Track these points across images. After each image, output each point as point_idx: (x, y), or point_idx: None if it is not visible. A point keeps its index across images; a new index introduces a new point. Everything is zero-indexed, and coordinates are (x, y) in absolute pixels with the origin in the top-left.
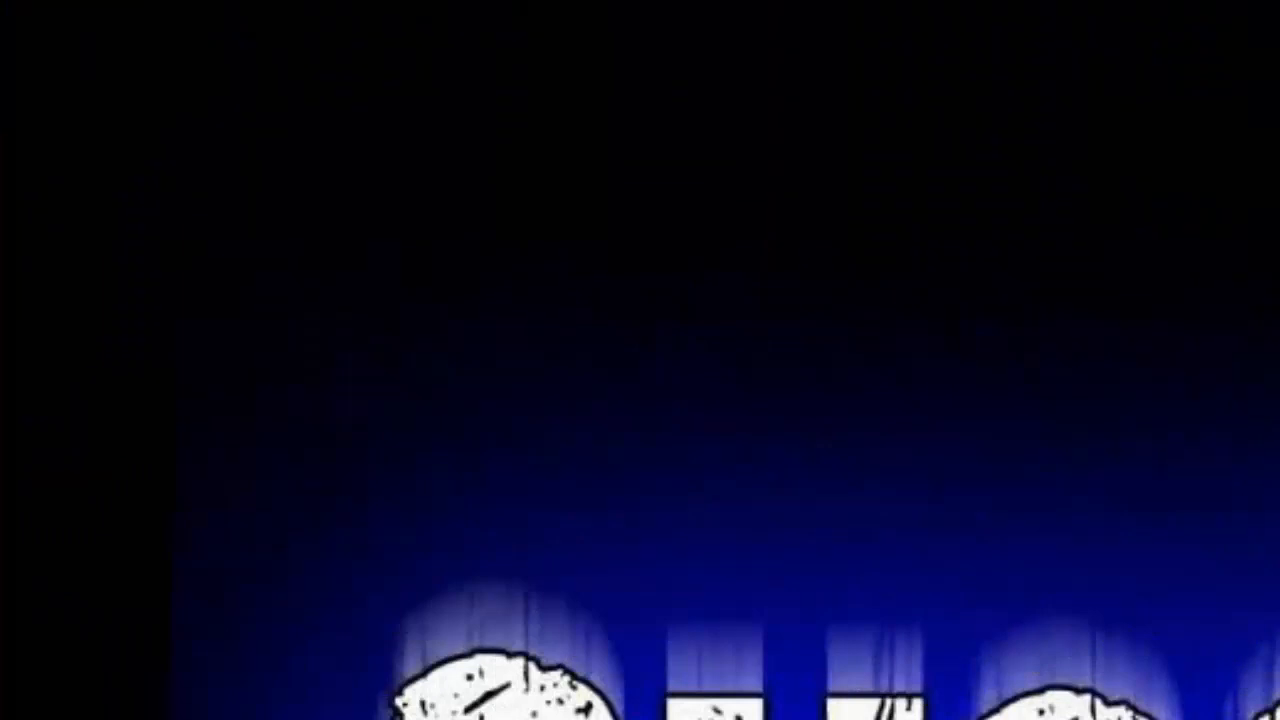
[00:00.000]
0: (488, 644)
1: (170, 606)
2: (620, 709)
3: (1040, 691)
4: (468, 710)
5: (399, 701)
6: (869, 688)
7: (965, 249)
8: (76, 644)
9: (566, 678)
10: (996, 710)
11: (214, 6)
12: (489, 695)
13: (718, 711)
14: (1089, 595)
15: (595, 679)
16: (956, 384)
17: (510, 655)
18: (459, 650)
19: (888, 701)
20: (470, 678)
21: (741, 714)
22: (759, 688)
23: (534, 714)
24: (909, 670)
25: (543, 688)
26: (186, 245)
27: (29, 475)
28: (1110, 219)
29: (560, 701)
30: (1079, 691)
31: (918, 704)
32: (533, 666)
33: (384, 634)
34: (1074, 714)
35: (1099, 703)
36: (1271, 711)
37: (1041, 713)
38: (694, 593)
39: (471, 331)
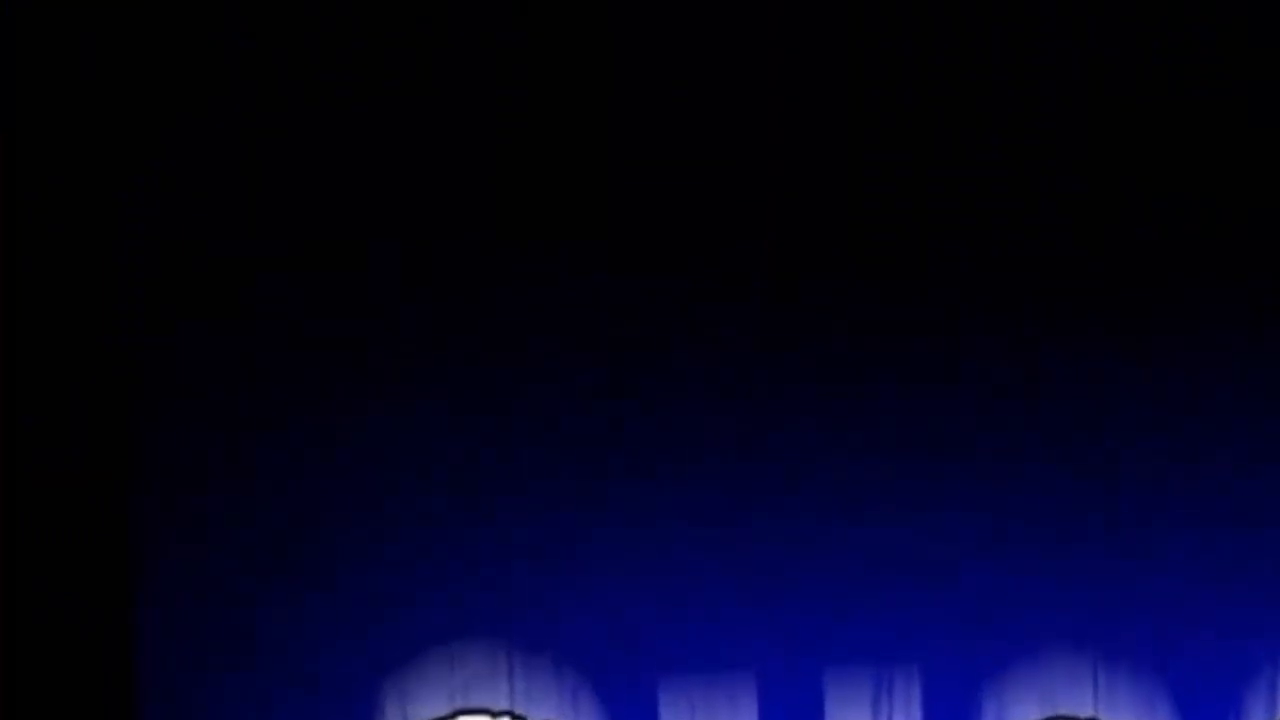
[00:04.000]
0: (471, 704)
1: (136, 672)
2: None
3: None
4: None
5: None
6: None
7: (965, 270)
8: (37, 695)
9: None
10: None
11: (214, 6)
12: None
13: None
14: (1090, 626)
15: None
16: (951, 419)
17: (495, 715)
18: (441, 713)
19: None
20: None
21: None
22: None
23: None
24: (908, 709)
25: None
26: (187, 245)
27: (29, 475)
28: (1117, 246)
29: None
30: None
31: None
32: None
33: (365, 696)
34: None
35: None
36: None
37: None
38: (684, 641)
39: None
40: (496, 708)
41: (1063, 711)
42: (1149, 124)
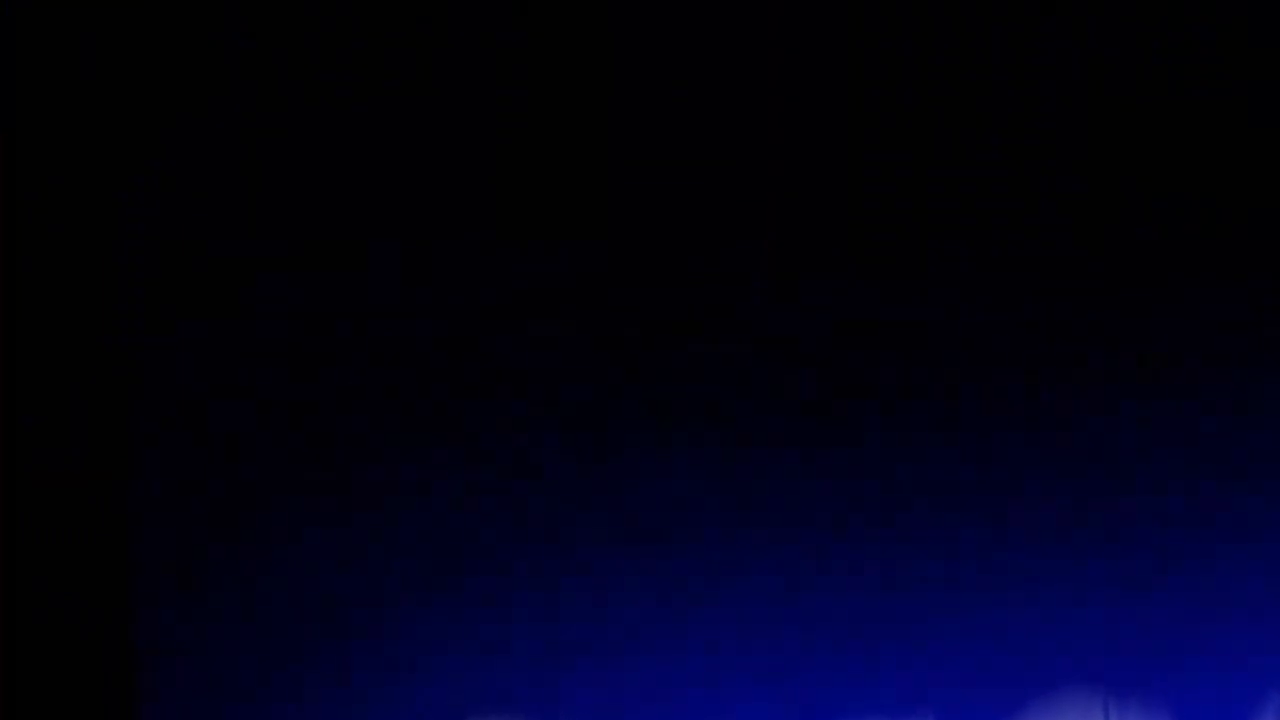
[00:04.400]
0: None
1: (136, 673)
2: None
3: None
4: None
5: None
6: None
7: (965, 270)
8: (37, 696)
9: None
10: None
11: (214, 6)
12: None
13: None
14: (1100, 662)
15: None
16: (954, 463)
17: None
18: None
19: None
20: None
21: None
22: None
23: None
24: None
25: None
26: (187, 245)
27: (29, 475)
28: (1117, 245)
29: None
30: None
31: None
32: None
33: None
34: None
35: None
36: None
37: None
38: (693, 711)
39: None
40: None
41: None
42: (1149, 124)
